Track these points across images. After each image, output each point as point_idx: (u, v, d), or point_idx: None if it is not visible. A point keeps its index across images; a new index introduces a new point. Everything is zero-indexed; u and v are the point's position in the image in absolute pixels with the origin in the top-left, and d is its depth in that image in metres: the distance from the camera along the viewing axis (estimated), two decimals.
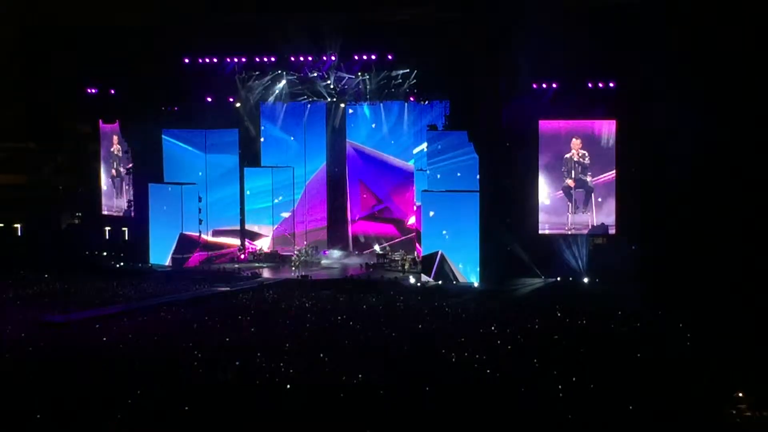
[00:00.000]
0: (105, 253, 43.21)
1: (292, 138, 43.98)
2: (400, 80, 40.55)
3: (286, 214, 43.18)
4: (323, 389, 21.04)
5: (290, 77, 41.98)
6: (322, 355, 24.27)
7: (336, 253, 43.10)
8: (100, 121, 44.62)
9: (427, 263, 37.00)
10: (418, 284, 36.37)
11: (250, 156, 43.78)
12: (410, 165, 42.37)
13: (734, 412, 19.22)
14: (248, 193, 43.10)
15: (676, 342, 25.39)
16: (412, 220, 41.76)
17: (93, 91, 42.84)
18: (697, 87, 34.26)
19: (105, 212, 45.31)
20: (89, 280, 36.55)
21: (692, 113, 34.20)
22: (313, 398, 20.39)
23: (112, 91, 42.57)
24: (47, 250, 42.14)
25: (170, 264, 40.92)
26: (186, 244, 41.05)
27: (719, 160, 34.77)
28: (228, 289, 35.57)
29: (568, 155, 37.83)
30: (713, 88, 34.27)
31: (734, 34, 34.28)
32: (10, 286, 35.33)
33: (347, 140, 43.92)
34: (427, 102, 40.95)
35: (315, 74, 41.21)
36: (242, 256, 42.63)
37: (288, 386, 21.32)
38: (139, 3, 40.75)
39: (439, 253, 36.44)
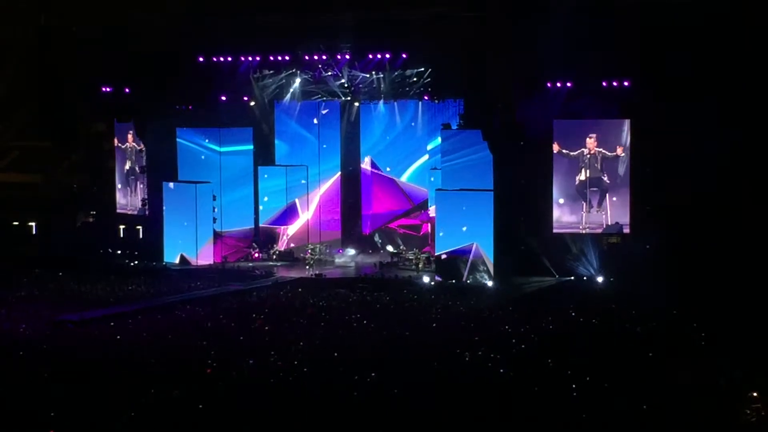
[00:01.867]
0: (119, 252, 43.30)
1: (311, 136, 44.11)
2: (415, 79, 40.54)
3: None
4: (337, 388, 21.05)
5: (304, 76, 42.02)
6: (336, 354, 24.31)
7: (350, 252, 43.07)
8: (115, 119, 44.70)
9: (440, 262, 37.00)
10: (432, 283, 36.36)
11: (264, 155, 43.83)
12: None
13: (749, 412, 19.16)
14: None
15: (691, 341, 25.32)
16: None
17: (108, 89, 42.91)
18: (713, 86, 34.16)
19: (119, 211, 45.38)
20: (103, 278, 36.65)
21: (707, 112, 34.15)
22: (326, 397, 20.39)
23: (127, 90, 42.62)
24: (62, 249, 42.30)
25: (183, 263, 41.03)
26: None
27: (735, 160, 34.65)
28: (242, 287, 35.63)
29: (584, 152, 37.71)
30: (729, 87, 34.16)
31: (751, 34, 34.17)
32: (25, 284, 35.45)
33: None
34: (441, 101, 40.88)
35: (329, 73, 41.24)
36: (256, 255, 42.65)
37: (301, 385, 21.36)
38: (153, 2, 40.78)
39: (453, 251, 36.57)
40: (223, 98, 42.33)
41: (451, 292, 34.20)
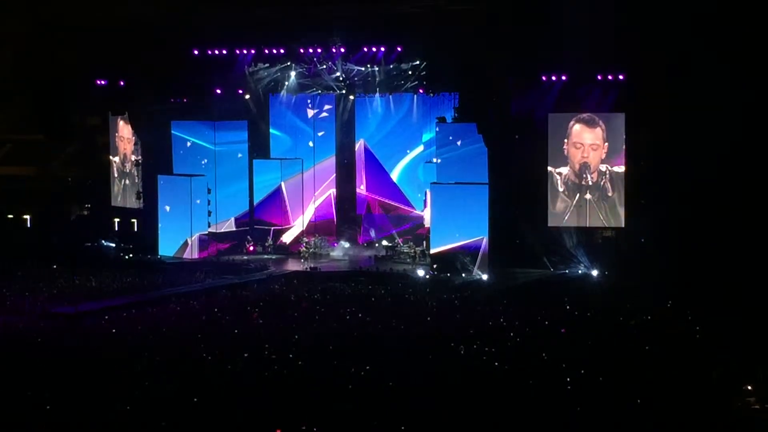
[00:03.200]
0: (113, 245, 43.36)
1: (313, 135, 43.99)
2: (410, 72, 40.51)
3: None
4: (332, 381, 21.06)
5: (299, 69, 41.99)
6: (330, 347, 24.33)
7: (345, 245, 43.01)
8: (110, 113, 44.67)
9: (435, 255, 36.99)
10: (427, 276, 36.36)
11: (259, 148, 43.79)
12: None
13: (742, 404, 19.19)
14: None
15: (685, 335, 25.35)
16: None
17: (102, 83, 42.87)
18: (710, 79, 34.17)
19: (114, 204, 45.38)
20: (98, 271, 36.66)
21: (702, 106, 34.18)
22: (321, 390, 20.41)
23: (122, 83, 42.59)
24: (56, 242, 42.31)
25: (178, 256, 40.98)
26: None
27: (730, 154, 34.63)
28: (237, 281, 35.63)
29: (577, 147, 37.69)
30: (723, 81, 34.15)
31: (746, 29, 34.17)
32: (20, 277, 35.42)
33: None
34: (436, 94, 40.84)
35: (324, 66, 41.22)
36: (251, 248, 42.61)
37: (297, 378, 21.38)
38: None
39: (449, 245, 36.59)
40: (218, 91, 42.26)
41: (447, 286, 34.21)
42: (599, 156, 37.60)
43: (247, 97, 42.92)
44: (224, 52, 41.07)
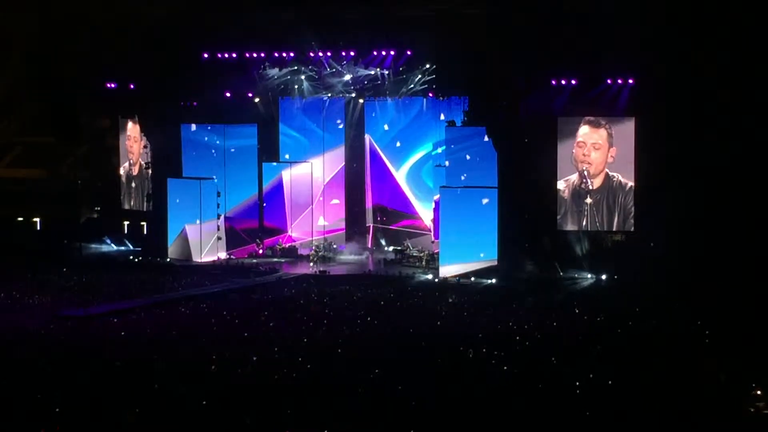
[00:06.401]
0: (122, 247, 43.51)
1: (321, 131, 43.98)
2: (419, 76, 40.52)
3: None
4: (340, 385, 21.06)
5: (309, 72, 42.03)
6: (339, 350, 24.33)
7: (354, 249, 43.03)
8: (119, 115, 44.76)
9: (445, 259, 36.98)
10: (436, 280, 36.35)
11: (268, 151, 43.83)
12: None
13: (752, 409, 19.15)
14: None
15: (694, 339, 25.30)
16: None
17: (112, 85, 42.95)
18: (720, 84, 34.11)
19: (123, 207, 45.48)
20: (107, 274, 36.73)
21: (714, 111, 34.13)
22: (330, 394, 20.40)
23: (131, 86, 42.65)
24: (66, 244, 42.41)
25: (185, 258, 41.02)
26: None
27: (741, 158, 34.55)
28: (246, 284, 35.65)
29: (580, 146, 37.62)
30: (735, 84, 34.09)
31: (759, 31, 34.10)
32: (29, 279, 35.48)
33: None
34: (445, 98, 40.88)
35: (333, 69, 41.26)
36: (260, 251, 42.66)
37: (304, 382, 21.39)
38: None
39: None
40: (228, 94, 42.33)
41: (455, 289, 34.19)
42: (603, 157, 37.52)
43: (257, 100, 42.99)
44: (234, 55, 41.14)
